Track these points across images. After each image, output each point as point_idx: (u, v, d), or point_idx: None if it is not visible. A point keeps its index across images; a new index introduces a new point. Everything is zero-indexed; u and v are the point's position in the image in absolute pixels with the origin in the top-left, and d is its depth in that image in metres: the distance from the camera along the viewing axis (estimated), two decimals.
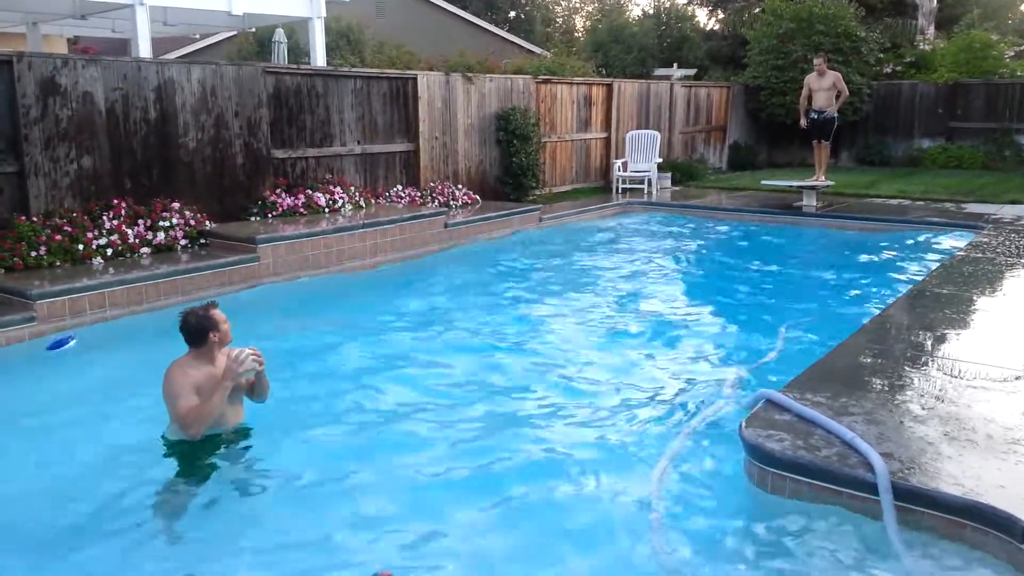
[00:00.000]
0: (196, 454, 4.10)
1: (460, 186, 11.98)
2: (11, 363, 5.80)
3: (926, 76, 19.38)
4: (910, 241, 10.63)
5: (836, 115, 12.96)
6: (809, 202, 12.70)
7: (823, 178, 13.07)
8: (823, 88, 12.82)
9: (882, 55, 19.68)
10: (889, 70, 20.44)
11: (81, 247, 7.42)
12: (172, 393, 4.04)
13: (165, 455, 4.13)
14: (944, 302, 6.42)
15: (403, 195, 11.06)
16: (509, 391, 5.37)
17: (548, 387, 5.44)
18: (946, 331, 5.66)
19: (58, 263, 7.26)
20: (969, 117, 18.44)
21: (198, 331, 4.11)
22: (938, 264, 8.34)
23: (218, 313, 4.19)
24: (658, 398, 5.25)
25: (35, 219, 7.42)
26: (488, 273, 9.03)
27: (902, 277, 8.61)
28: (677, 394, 5.31)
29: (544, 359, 6.02)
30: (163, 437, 4.20)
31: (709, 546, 3.49)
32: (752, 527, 3.59)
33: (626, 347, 6.35)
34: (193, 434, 4.01)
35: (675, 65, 23.56)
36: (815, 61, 12.96)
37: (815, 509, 3.52)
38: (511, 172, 12.84)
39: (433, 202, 11.20)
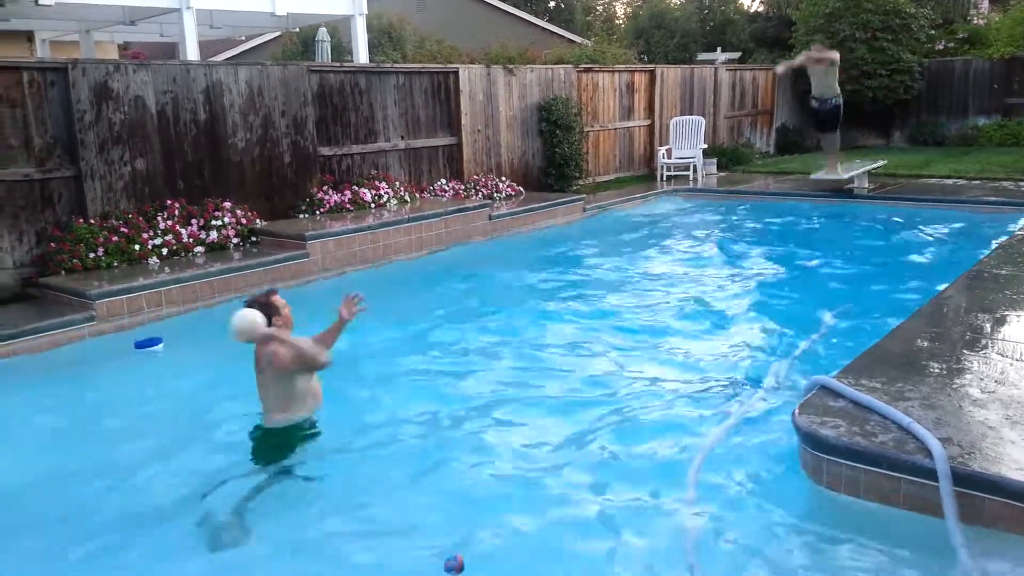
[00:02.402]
0: (287, 441, 4.27)
1: (503, 178, 11.99)
2: (76, 361, 5.99)
3: (980, 52, 18.78)
4: (966, 222, 10.35)
5: (840, 100, 11.78)
6: (861, 184, 12.43)
7: (839, 169, 11.95)
8: (818, 72, 11.65)
9: (933, 32, 19.13)
10: (941, 47, 19.87)
11: (137, 247, 7.62)
12: (295, 352, 4.19)
13: (269, 443, 4.29)
14: (1003, 283, 6.24)
15: (447, 188, 11.12)
16: (561, 380, 5.37)
17: (594, 376, 5.44)
18: (1005, 313, 5.51)
19: (115, 263, 7.48)
20: None
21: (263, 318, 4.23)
22: (996, 244, 8.10)
23: (279, 299, 4.33)
24: (706, 385, 5.20)
25: (92, 221, 7.64)
26: (535, 263, 9.03)
27: (959, 258, 8.38)
28: (725, 380, 5.26)
29: (592, 347, 6.02)
30: (260, 428, 4.37)
31: (763, 534, 3.46)
32: (807, 515, 3.55)
33: (674, 334, 6.30)
34: (326, 363, 4.25)
35: (719, 49, 23.17)
36: (813, 47, 11.78)
37: (872, 496, 3.46)
38: (554, 163, 12.81)
39: (477, 195, 11.23)
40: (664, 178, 14.42)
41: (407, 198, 10.22)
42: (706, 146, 15.10)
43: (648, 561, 3.37)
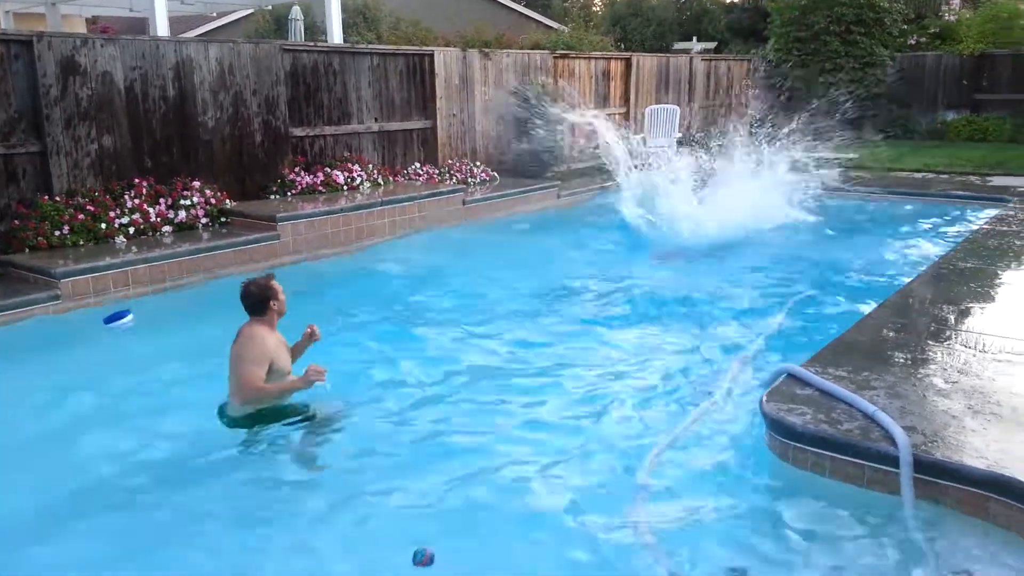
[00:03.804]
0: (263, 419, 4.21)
1: (478, 163, 11.95)
2: (40, 339, 5.88)
3: (951, 47, 19.03)
4: (933, 215, 10.51)
5: None
6: (831, 176, 12.53)
7: None
8: None
9: (906, 26, 19.35)
10: (913, 42, 20.10)
11: (104, 226, 7.49)
12: (249, 357, 4.13)
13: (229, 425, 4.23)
14: (968, 276, 6.35)
15: (421, 172, 11.05)
16: (517, 369, 5.38)
17: (557, 365, 5.46)
18: (970, 305, 5.60)
19: (81, 242, 7.34)
20: (995, 88, 18.13)
21: (260, 300, 4.27)
22: (962, 238, 8.24)
23: (276, 284, 4.36)
24: (672, 372, 5.24)
25: (58, 199, 7.49)
26: (509, 251, 9.02)
27: (925, 251, 8.52)
28: (690, 368, 5.30)
29: (558, 337, 6.04)
30: (224, 414, 4.28)
31: (730, 519, 3.50)
32: (773, 500, 3.60)
33: (639, 322, 6.34)
34: (239, 402, 4.13)
35: (694, 38, 23.23)
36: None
37: (837, 482, 3.51)
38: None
39: (451, 179, 11.18)
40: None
41: (380, 181, 10.15)
42: (681, 135, 15.15)
43: (610, 545, 3.39)
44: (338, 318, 6.27)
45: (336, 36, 12.76)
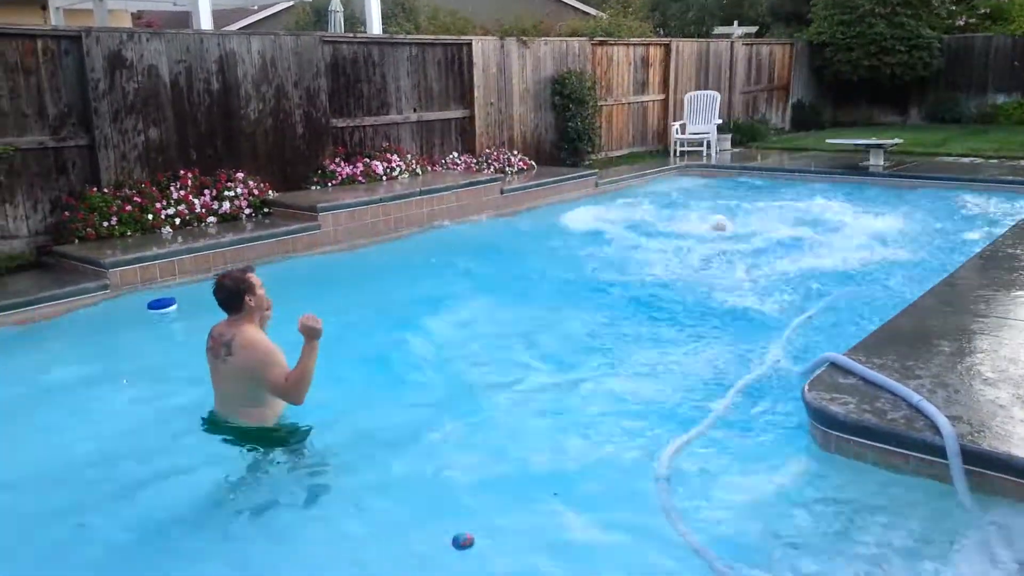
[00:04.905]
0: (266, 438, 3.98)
1: (515, 152, 11.94)
2: (91, 328, 6.04)
3: (1001, 28, 18.49)
4: (982, 201, 10.27)
5: None
6: (876, 161, 12.33)
7: None
8: None
9: (954, 7, 18.88)
10: (962, 23, 19.57)
11: (150, 217, 7.66)
12: (271, 361, 3.78)
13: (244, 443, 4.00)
14: (1016, 263, 6.20)
15: (459, 162, 11.09)
16: (562, 355, 5.39)
17: (596, 349, 5.48)
18: (1018, 292, 5.47)
19: (129, 233, 7.52)
20: None
21: (234, 294, 3.87)
22: (1011, 224, 8.04)
23: (254, 277, 3.96)
24: (715, 359, 5.21)
25: (106, 190, 7.67)
26: (539, 240, 9.01)
27: (973, 238, 8.33)
28: (730, 356, 5.26)
29: (593, 323, 6.05)
30: (228, 425, 4.00)
31: (773, 510, 3.48)
32: (816, 491, 3.56)
33: (679, 308, 6.30)
34: (300, 400, 3.81)
35: (735, 23, 22.90)
36: None
37: (881, 472, 3.47)
38: (567, 137, 12.74)
39: (489, 168, 11.20)
40: (678, 154, 14.33)
41: (419, 171, 10.21)
42: (721, 122, 14.98)
43: (637, 535, 3.38)
44: (382, 306, 6.35)
45: (375, 27, 12.82)
